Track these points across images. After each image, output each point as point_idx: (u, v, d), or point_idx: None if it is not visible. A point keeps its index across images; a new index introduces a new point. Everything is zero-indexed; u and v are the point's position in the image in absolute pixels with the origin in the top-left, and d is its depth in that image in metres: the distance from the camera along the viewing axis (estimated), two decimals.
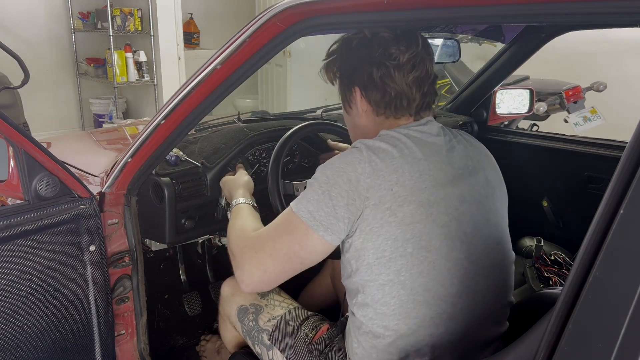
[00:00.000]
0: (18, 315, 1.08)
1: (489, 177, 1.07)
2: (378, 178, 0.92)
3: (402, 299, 0.94)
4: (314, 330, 1.17)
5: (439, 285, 0.94)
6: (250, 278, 1.02)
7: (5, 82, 3.21)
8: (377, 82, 1.02)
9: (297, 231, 0.96)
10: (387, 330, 0.96)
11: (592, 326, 0.58)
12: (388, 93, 1.02)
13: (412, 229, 0.92)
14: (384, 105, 1.03)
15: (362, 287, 0.97)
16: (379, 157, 0.94)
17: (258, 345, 1.25)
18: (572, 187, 1.92)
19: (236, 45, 1.03)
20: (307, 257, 0.98)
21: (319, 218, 0.94)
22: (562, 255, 1.86)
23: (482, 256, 1.00)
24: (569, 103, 2.92)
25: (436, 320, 0.96)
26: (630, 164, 0.58)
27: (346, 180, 0.93)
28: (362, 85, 1.04)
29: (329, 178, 0.94)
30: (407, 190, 0.93)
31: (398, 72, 1.00)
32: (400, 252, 0.92)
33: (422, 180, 0.94)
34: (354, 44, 1.05)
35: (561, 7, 0.71)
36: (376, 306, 0.96)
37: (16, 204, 1.09)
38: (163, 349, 1.79)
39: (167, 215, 1.35)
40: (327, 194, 0.93)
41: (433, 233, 0.94)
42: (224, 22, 5.76)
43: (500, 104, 2.23)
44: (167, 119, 1.15)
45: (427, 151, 0.98)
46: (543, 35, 1.75)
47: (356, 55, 1.04)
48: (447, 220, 0.95)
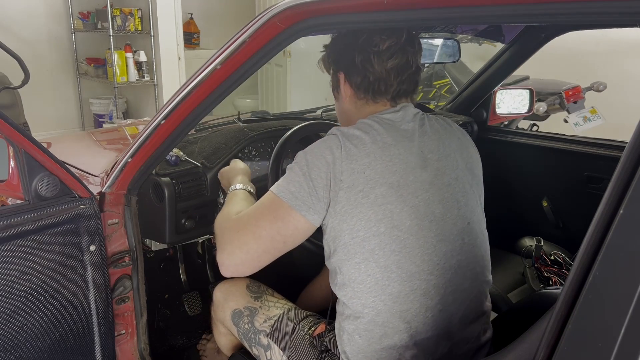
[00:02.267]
0: (18, 315, 1.08)
1: (459, 160, 1.10)
2: (351, 162, 0.98)
3: (376, 277, 0.98)
4: (314, 327, 1.18)
5: (410, 262, 0.99)
6: (231, 259, 1.03)
7: (5, 82, 3.21)
8: (358, 67, 1.08)
9: (280, 211, 1.00)
10: (365, 307, 1.00)
11: (592, 326, 0.58)
12: (367, 77, 1.08)
13: (383, 210, 0.97)
14: (363, 89, 1.10)
15: (339, 267, 1.02)
16: (352, 143, 1.00)
17: (255, 347, 1.25)
18: (572, 187, 1.92)
19: (236, 45, 1.03)
20: (290, 235, 1.01)
21: (300, 198, 0.98)
22: (562, 255, 1.86)
23: (452, 235, 1.04)
24: (568, 103, 2.92)
25: (410, 296, 0.99)
26: (630, 164, 0.58)
27: (324, 163, 0.99)
28: (345, 70, 1.12)
29: (308, 161, 1.00)
30: (378, 173, 0.98)
31: (377, 58, 1.07)
32: (374, 231, 0.97)
33: (392, 164, 1.00)
34: (344, 33, 1.13)
35: (561, 7, 0.71)
36: (353, 285, 1.00)
37: (16, 204, 1.09)
38: (163, 349, 1.79)
39: (167, 215, 1.35)
40: (307, 175, 0.99)
41: (404, 213, 0.98)
42: (224, 22, 5.76)
43: (500, 104, 2.23)
44: (167, 119, 1.15)
45: (397, 137, 1.03)
46: (543, 35, 1.75)
47: (343, 43, 1.12)
48: (417, 201, 1.00)
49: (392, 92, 1.09)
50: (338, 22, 0.97)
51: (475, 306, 1.10)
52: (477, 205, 1.12)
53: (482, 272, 1.12)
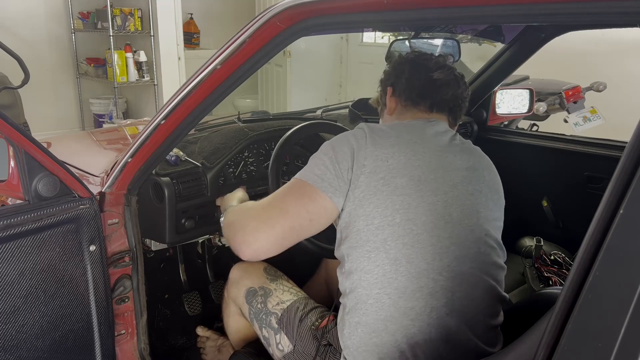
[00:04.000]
0: (18, 315, 1.08)
1: (487, 178, 1.11)
2: (376, 149, 1.01)
3: (385, 268, 0.98)
4: (320, 319, 1.19)
5: (421, 258, 0.98)
6: (256, 235, 0.97)
7: (5, 82, 3.21)
8: (407, 76, 1.19)
9: (306, 189, 1.00)
10: (370, 298, 0.99)
11: (592, 326, 0.58)
12: (412, 83, 1.18)
13: (401, 200, 0.98)
14: (407, 92, 1.18)
15: (349, 255, 1.02)
16: (378, 135, 1.04)
17: (265, 329, 1.25)
18: (572, 187, 1.92)
19: (236, 45, 1.03)
20: (316, 213, 1.00)
21: (327, 180, 1.00)
22: (562, 255, 1.86)
23: (468, 242, 1.03)
24: (568, 103, 2.92)
25: (417, 293, 0.98)
26: (630, 164, 0.58)
27: (349, 147, 1.02)
28: (393, 83, 1.22)
29: (333, 146, 1.04)
30: (401, 164, 1.01)
31: (425, 69, 1.18)
32: (389, 220, 0.97)
33: (416, 158, 1.02)
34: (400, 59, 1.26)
35: (561, 7, 0.71)
36: (361, 274, 1.00)
37: (16, 204, 1.09)
38: (163, 349, 1.79)
39: (167, 215, 1.35)
40: (333, 159, 1.02)
41: (420, 208, 0.99)
42: (224, 22, 5.76)
43: (500, 104, 2.23)
44: (167, 119, 1.15)
45: (424, 138, 1.07)
46: (543, 35, 1.75)
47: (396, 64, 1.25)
48: (435, 199, 1.01)
49: (433, 98, 1.16)
50: (338, 22, 0.97)
51: (484, 319, 1.06)
52: (497, 225, 1.12)
53: (495, 288, 1.08)
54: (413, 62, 1.21)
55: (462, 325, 1.02)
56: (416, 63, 1.21)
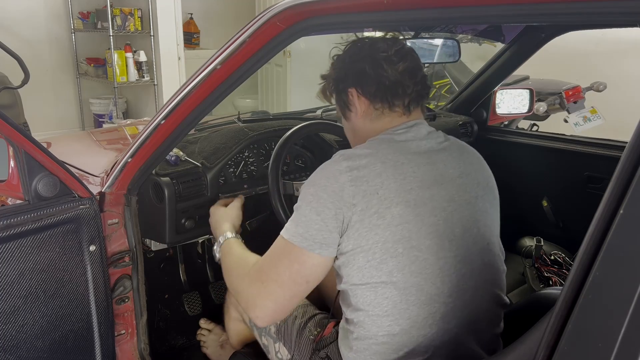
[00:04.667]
0: (18, 315, 1.08)
1: (480, 179, 1.08)
2: (362, 184, 0.93)
3: (394, 300, 0.94)
4: (320, 328, 1.18)
5: (430, 284, 0.95)
6: (265, 312, 1.01)
7: (5, 82, 3.21)
8: (370, 76, 1.05)
9: (294, 254, 0.97)
10: (381, 330, 0.96)
11: (592, 326, 0.58)
12: (382, 83, 1.04)
13: (401, 230, 0.93)
14: (380, 96, 1.05)
15: (353, 291, 0.98)
16: (360, 164, 0.96)
17: (265, 337, 1.25)
18: (572, 187, 1.92)
19: (236, 45, 1.03)
20: (310, 274, 0.98)
21: (310, 238, 0.95)
22: (562, 255, 1.86)
23: (472, 255, 1.01)
24: (568, 103, 2.92)
25: (429, 320, 0.96)
26: (630, 164, 0.58)
27: (330, 193, 0.94)
28: (357, 83, 1.07)
29: (312, 196, 0.96)
30: (392, 192, 0.94)
31: (388, 63, 1.04)
32: (391, 253, 0.93)
33: (407, 182, 0.96)
34: (344, 52, 1.11)
35: (561, 7, 0.71)
36: (368, 309, 0.96)
37: (16, 204, 1.09)
38: (163, 349, 1.79)
39: (167, 215, 1.35)
40: (314, 211, 0.95)
41: (422, 232, 0.95)
42: (224, 22, 5.76)
43: (500, 104, 2.23)
44: (167, 119, 1.15)
45: (409, 156, 1.00)
46: (543, 35, 1.75)
47: (347, 60, 1.09)
48: (435, 220, 0.96)
49: (409, 95, 1.06)
50: (338, 22, 0.97)
51: (490, 328, 1.07)
52: (496, 226, 1.10)
53: (499, 295, 1.08)
54: (372, 57, 1.05)
55: (471, 340, 1.02)
56: (375, 57, 1.05)
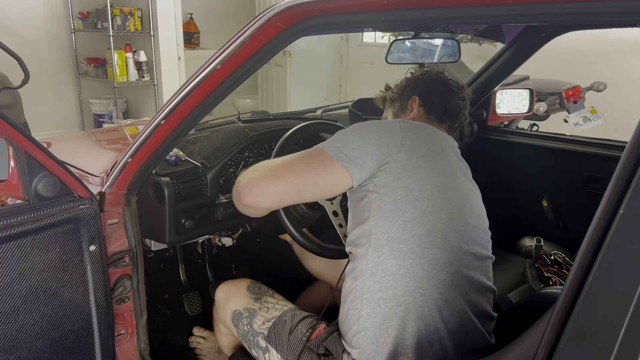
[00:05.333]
0: (18, 315, 1.08)
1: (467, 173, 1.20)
2: (413, 134, 1.06)
3: (421, 238, 1.00)
4: (311, 330, 1.17)
5: (452, 235, 1.02)
6: (260, 182, 0.99)
7: (5, 82, 3.21)
8: (437, 95, 1.28)
9: (320, 156, 1.00)
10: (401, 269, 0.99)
11: (592, 326, 0.58)
12: (443, 106, 1.27)
13: (440, 179, 1.04)
14: (435, 111, 1.27)
15: (379, 227, 1.01)
16: (413, 126, 1.09)
17: (254, 349, 1.25)
18: (572, 187, 1.92)
19: (236, 45, 1.03)
20: (323, 178, 0.99)
21: (345, 152, 1.00)
22: (562, 255, 1.86)
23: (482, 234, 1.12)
24: (569, 103, 2.92)
25: (447, 267, 1.01)
26: (630, 164, 0.58)
27: (382, 130, 1.05)
28: (422, 94, 1.29)
29: (362, 127, 1.06)
30: (438, 149, 1.08)
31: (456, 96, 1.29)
32: (427, 195, 1.01)
33: (443, 162, 1.08)
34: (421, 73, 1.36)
35: (561, 7, 0.71)
36: (393, 244, 1.00)
37: (16, 204, 1.09)
38: (163, 349, 1.79)
39: (167, 215, 1.35)
40: (358, 135, 1.04)
41: (455, 191, 1.06)
42: (224, 22, 5.76)
43: (500, 104, 2.23)
44: (167, 119, 1.15)
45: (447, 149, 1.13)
46: (543, 35, 1.75)
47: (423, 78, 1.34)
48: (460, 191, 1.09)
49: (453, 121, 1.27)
50: (338, 22, 0.97)
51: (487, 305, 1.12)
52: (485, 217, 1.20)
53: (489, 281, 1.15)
54: (446, 85, 1.30)
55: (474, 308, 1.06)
56: (447, 86, 1.30)
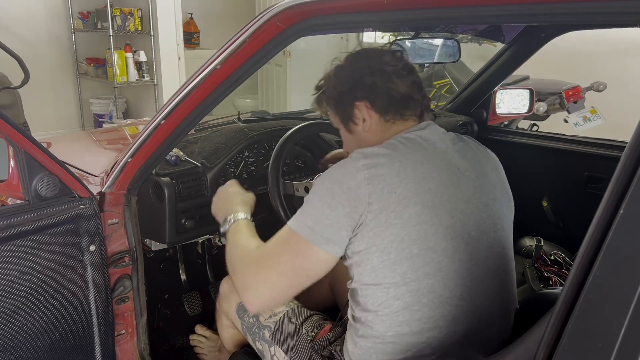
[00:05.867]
0: (18, 315, 1.08)
1: (496, 182, 1.08)
2: (380, 183, 0.92)
3: (406, 301, 0.94)
4: (317, 329, 1.17)
5: (444, 286, 0.94)
6: (257, 297, 0.99)
7: (5, 82, 3.21)
8: (381, 89, 1.05)
9: (299, 246, 0.95)
10: (389, 330, 0.96)
11: (592, 326, 0.58)
12: (394, 97, 1.05)
13: (417, 230, 0.92)
14: (392, 109, 1.05)
15: (364, 291, 0.96)
16: (378, 163, 0.94)
17: (259, 342, 1.25)
18: (572, 187, 1.92)
19: (236, 45, 1.03)
20: (312, 269, 0.97)
21: (318, 231, 0.93)
22: (562, 255, 1.86)
23: (487, 259, 0.99)
24: (569, 103, 2.92)
25: (440, 322, 0.95)
26: (630, 164, 0.58)
27: (345, 189, 0.92)
28: (366, 97, 1.06)
29: (327, 190, 0.94)
30: (411, 191, 0.93)
31: (398, 76, 1.05)
32: (406, 253, 0.92)
33: (425, 182, 0.94)
34: (347, 64, 1.09)
35: (561, 7, 0.71)
36: (379, 309, 0.95)
37: (16, 204, 1.09)
38: (163, 349, 1.79)
39: (167, 215, 1.35)
40: (326, 205, 0.93)
41: (439, 234, 0.93)
42: (224, 22, 5.76)
43: (500, 104, 2.23)
44: (167, 119, 1.15)
45: (427, 155, 0.99)
46: (543, 35, 1.75)
47: (352, 72, 1.08)
48: (452, 221, 0.95)
49: (420, 107, 1.08)
50: (338, 22, 0.97)
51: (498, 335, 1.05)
52: (511, 230, 1.08)
53: (510, 299, 1.07)
54: (381, 70, 1.05)
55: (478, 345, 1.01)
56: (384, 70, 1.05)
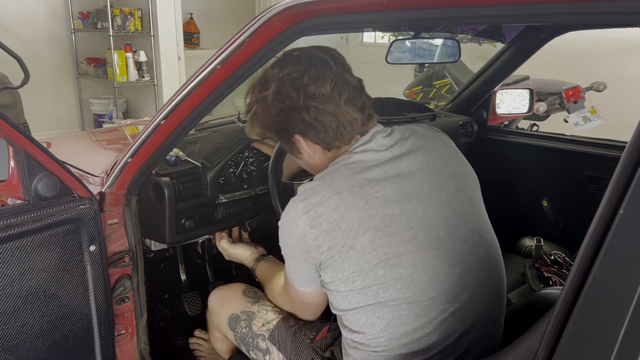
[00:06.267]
0: (18, 315, 1.08)
1: (456, 170, 1.02)
2: (322, 224, 0.91)
3: (387, 318, 0.93)
4: (315, 332, 1.18)
5: (422, 296, 0.92)
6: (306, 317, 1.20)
7: (5, 82, 3.21)
8: (313, 124, 0.97)
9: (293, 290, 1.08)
10: (379, 346, 0.96)
11: (592, 326, 0.58)
12: (330, 127, 0.97)
13: (376, 254, 0.90)
14: (330, 139, 0.99)
15: (345, 316, 0.99)
16: (315, 202, 0.92)
17: (253, 351, 1.25)
18: (572, 187, 1.92)
19: (236, 45, 1.03)
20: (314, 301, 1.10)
21: (293, 278, 1.04)
22: (562, 255, 1.86)
23: (465, 254, 0.97)
24: (569, 103, 2.92)
25: (427, 328, 0.94)
26: (630, 164, 0.58)
27: (295, 239, 0.96)
28: (300, 131, 1.00)
29: (283, 242, 1.01)
30: (355, 222, 0.90)
31: (328, 104, 0.96)
32: (372, 277, 0.91)
33: (369, 205, 0.91)
34: (270, 101, 1.00)
35: (561, 7, 0.71)
36: (363, 329, 0.96)
37: (16, 204, 1.09)
38: (163, 349, 1.79)
39: (167, 215, 1.35)
40: (288, 257, 1.02)
41: (400, 249, 0.91)
42: (224, 22, 5.75)
43: (500, 104, 2.23)
44: (167, 119, 1.15)
45: (368, 174, 0.94)
46: (543, 35, 1.75)
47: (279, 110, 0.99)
48: (413, 232, 0.92)
49: (360, 122, 0.99)
50: (338, 22, 0.97)
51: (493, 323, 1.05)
52: (484, 212, 1.04)
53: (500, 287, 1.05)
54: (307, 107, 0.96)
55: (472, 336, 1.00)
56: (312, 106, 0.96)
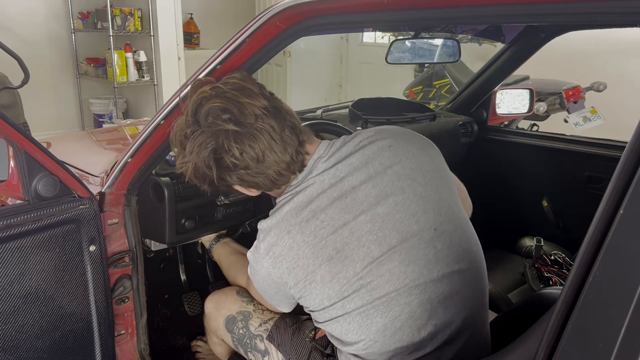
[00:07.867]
0: (18, 315, 1.08)
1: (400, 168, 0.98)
2: (282, 263, 0.97)
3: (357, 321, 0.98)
4: (314, 331, 1.17)
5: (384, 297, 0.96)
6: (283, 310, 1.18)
7: (5, 82, 3.21)
8: (247, 180, 0.96)
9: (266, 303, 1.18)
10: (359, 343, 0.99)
11: (592, 326, 0.58)
12: (260, 182, 0.96)
13: (337, 281, 0.95)
14: (266, 188, 1.00)
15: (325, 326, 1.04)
16: (273, 242, 0.97)
17: (252, 352, 1.24)
18: (572, 187, 1.92)
19: (236, 45, 1.03)
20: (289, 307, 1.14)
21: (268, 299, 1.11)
22: (562, 255, 1.86)
23: (421, 252, 0.96)
24: (569, 103, 2.92)
25: (397, 323, 0.96)
26: (630, 164, 0.58)
27: (263, 277, 1.03)
28: (238, 183, 0.98)
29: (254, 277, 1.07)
30: (310, 258, 0.95)
31: (246, 169, 0.93)
32: (338, 295, 0.96)
33: (318, 239, 0.94)
34: (194, 177, 0.98)
35: (561, 7, 0.71)
36: (339, 334, 1.01)
37: (16, 204, 1.10)
38: (163, 349, 1.79)
39: (167, 215, 1.35)
40: (261, 290, 1.09)
41: (357, 268, 0.94)
42: (224, 22, 5.76)
43: (500, 104, 2.23)
44: (167, 119, 1.15)
45: (312, 205, 0.95)
46: (543, 35, 1.75)
47: (205, 182, 0.98)
48: (365, 249, 0.94)
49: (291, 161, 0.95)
50: (338, 22, 0.97)
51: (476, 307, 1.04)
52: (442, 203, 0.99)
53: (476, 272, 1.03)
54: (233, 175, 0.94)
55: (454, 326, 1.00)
56: (237, 168, 0.93)
